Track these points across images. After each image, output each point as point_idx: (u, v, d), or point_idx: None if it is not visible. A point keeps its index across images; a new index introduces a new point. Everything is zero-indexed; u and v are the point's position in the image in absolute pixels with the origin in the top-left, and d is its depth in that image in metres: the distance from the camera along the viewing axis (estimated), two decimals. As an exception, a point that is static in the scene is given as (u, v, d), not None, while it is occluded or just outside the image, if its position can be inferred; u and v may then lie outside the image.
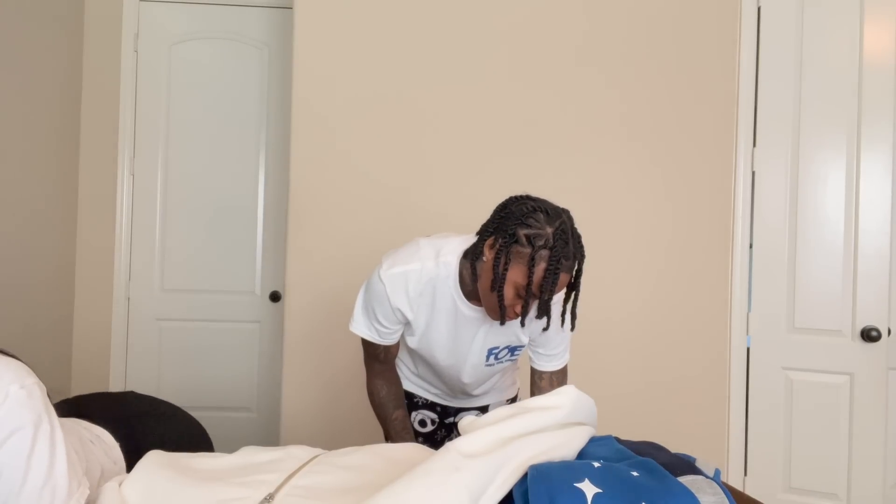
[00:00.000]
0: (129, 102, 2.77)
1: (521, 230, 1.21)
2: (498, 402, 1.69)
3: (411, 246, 1.41)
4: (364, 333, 1.44)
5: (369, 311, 1.41)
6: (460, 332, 1.42)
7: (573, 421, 1.08)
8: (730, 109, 2.35)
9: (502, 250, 1.22)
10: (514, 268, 1.21)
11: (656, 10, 2.34)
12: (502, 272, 1.21)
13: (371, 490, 0.96)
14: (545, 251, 1.19)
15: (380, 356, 1.50)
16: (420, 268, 1.35)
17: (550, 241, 1.19)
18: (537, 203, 1.25)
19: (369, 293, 1.40)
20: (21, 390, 0.85)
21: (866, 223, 2.25)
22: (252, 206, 2.83)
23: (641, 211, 2.34)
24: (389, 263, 1.37)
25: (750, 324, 2.37)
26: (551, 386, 1.53)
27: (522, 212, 1.23)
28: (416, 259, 1.36)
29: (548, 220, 1.21)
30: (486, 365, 1.50)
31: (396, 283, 1.35)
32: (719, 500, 0.93)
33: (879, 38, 2.25)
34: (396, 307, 1.37)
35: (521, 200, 1.27)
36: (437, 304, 1.38)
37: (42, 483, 0.85)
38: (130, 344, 2.80)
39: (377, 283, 1.37)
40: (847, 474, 2.26)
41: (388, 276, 1.36)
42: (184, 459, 1.07)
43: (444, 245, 1.39)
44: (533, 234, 1.20)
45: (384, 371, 1.54)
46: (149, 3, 2.79)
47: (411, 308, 1.38)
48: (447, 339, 1.44)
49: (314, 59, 2.27)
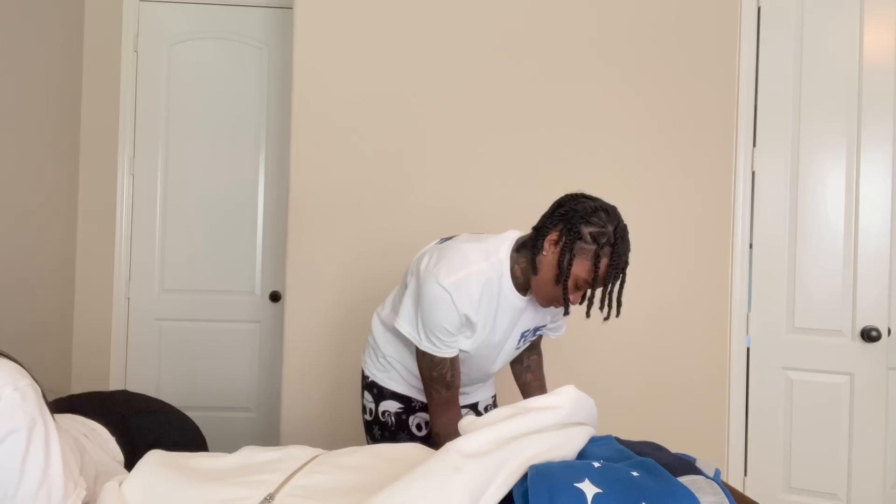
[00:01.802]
0: (129, 102, 2.77)
1: (586, 228, 1.31)
2: (485, 398, 1.74)
3: (454, 253, 1.41)
4: (431, 349, 1.41)
5: (433, 327, 1.39)
6: (511, 322, 1.48)
7: (573, 421, 1.08)
8: (730, 109, 2.36)
9: (567, 246, 1.31)
10: (579, 263, 1.31)
11: (656, 10, 2.34)
12: (567, 267, 1.31)
13: (371, 490, 0.96)
14: (608, 248, 1.30)
15: (446, 377, 1.43)
16: (477, 269, 1.39)
17: (612, 238, 1.30)
18: (597, 202, 1.35)
19: (430, 306, 1.38)
20: (15, 392, 0.85)
21: (866, 223, 2.25)
22: (252, 206, 2.83)
23: (641, 211, 2.34)
24: (446, 272, 1.36)
25: (750, 324, 2.37)
26: (534, 374, 1.70)
27: (586, 210, 1.32)
28: (470, 262, 1.39)
29: (609, 218, 1.32)
30: (516, 349, 1.57)
31: (460, 289, 1.36)
32: (719, 500, 0.93)
33: (879, 38, 2.25)
34: (463, 313, 1.37)
35: (581, 199, 1.37)
36: (499, 302, 1.42)
37: (37, 485, 0.84)
38: (130, 344, 2.80)
39: (440, 293, 1.36)
40: (847, 474, 2.26)
41: (451, 283, 1.36)
42: (184, 459, 1.07)
43: (486, 245, 1.43)
44: (597, 233, 1.31)
45: (449, 402, 1.45)
46: (149, 3, 2.79)
47: (477, 311, 1.39)
48: (501, 333, 1.48)
49: (314, 59, 2.27)
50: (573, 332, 2.26)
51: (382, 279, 2.29)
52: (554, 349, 2.22)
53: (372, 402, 1.64)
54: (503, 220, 2.30)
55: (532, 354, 1.71)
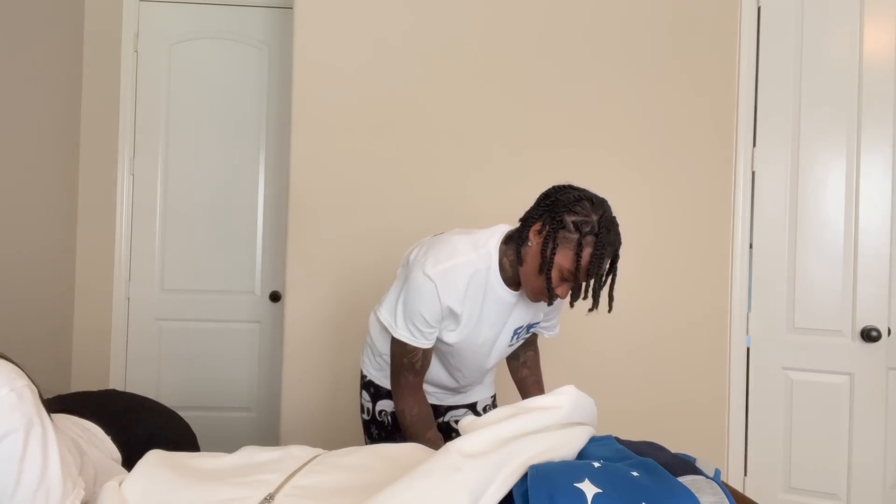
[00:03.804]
0: (129, 102, 2.77)
1: (569, 217, 1.29)
2: (484, 398, 1.74)
3: (443, 244, 1.40)
4: (406, 338, 1.41)
5: (412, 314, 1.39)
6: (500, 317, 1.46)
7: (573, 421, 1.08)
8: (730, 109, 2.36)
9: (550, 236, 1.29)
10: (561, 252, 1.29)
11: (656, 10, 2.34)
12: (550, 256, 1.29)
13: (371, 490, 0.96)
14: (591, 237, 1.27)
15: (416, 365, 1.45)
16: (465, 261, 1.38)
17: (596, 227, 1.28)
18: (582, 192, 1.33)
19: (413, 294, 1.38)
20: (11, 393, 0.85)
21: (866, 223, 2.25)
22: (252, 206, 2.83)
23: (641, 211, 2.34)
24: (433, 262, 1.36)
25: (750, 324, 2.37)
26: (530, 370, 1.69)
27: (570, 199, 1.31)
28: (458, 254, 1.38)
29: (593, 208, 1.30)
30: (509, 345, 1.55)
31: (446, 279, 1.36)
32: (719, 500, 0.93)
33: (879, 38, 2.25)
34: (446, 304, 1.37)
35: (566, 189, 1.35)
36: (486, 294, 1.41)
37: (35, 486, 0.84)
38: (130, 344, 2.80)
39: (424, 282, 1.36)
40: (847, 474, 2.26)
41: (437, 273, 1.35)
42: (184, 459, 1.07)
43: (475, 237, 1.43)
44: (580, 221, 1.28)
45: (415, 386, 1.47)
46: (149, 3, 2.79)
47: (461, 302, 1.39)
48: (489, 327, 1.46)
49: (314, 59, 2.27)
50: (573, 332, 2.26)
51: (382, 279, 2.29)
52: (554, 349, 2.22)
53: (369, 401, 1.65)
54: (503, 220, 2.29)
55: (528, 351, 1.71)
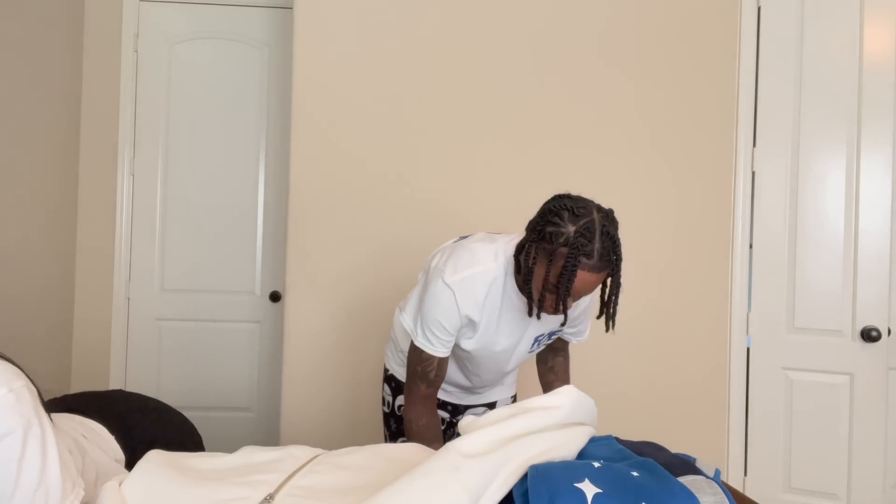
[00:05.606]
0: (129, 102, 2.77)
1: (547, 227, 1.27)
2: (504, 398, 1.73)
3: (464, 251, 1.40)
4: (423, 345, 1.41)
5: (430, 322, 1.39)
6: (519, 325, 1.46)
7: (573, 421, 1.08)
8: (730, 109, 2.35)
9: (531, 246, 1.29)
10: (539, 264, 1.28)
11: (656, 10, 2.34)
12: (529, 268, 1.28)
13: (371, 490, 0.96)
14: (564, 248, 1.23)
15: (430, 374, 1.44)
16: (484, 269, 1.37)
17: (571, 238, 1.23)
18: (569, 202, 1.28)
19: (432, 302, 1.37)
20: (9, 394, 0.84)
21: (866, 223, 2.25)
22: (252, 206, 2.83)
23: (641, 211, 2.34)
24: (451, 270, 1.36)
25: (750, 324, 2.37)
26: (556, 376, 1.67)
27: (551, 210, 1.28)
28: (477, 262, 1.38)
29: (571, 218, 1.25)
30: (529, 352, 1.55)
31: (465, 288, 1.35)
32: (719, 500, 0.93)
33: (879, 38, 2.25)
34: (465, 313, 1.37)
35: (558, 199, 1.32)
36: (504, 303, 1.41)
37: (34, 487, 0.84)
38: (130, 344, 2.80)
39: (443, 290, 1.36)
40: (847, 474, 2.26)
41: (455, 282, 1.35)
42: (184, 459, 1.07)
43: (496, 245, 1.42)
44: (554, 232, 1.25)
45: (427, 398, 1.46)
46: (149, 3, 2.79)
47: (481, 311, 1.38)
48: (507, 336, 1.46)
49: (314, 59, 2.27)
50: (573, 332, 2.26)
51: (382, 279, 2.29)
52: (554, 349, 2.22)
53: (390, 394, 1.66)
54: (503, 220, 2.30)
55: (557, 356, 1.69)
